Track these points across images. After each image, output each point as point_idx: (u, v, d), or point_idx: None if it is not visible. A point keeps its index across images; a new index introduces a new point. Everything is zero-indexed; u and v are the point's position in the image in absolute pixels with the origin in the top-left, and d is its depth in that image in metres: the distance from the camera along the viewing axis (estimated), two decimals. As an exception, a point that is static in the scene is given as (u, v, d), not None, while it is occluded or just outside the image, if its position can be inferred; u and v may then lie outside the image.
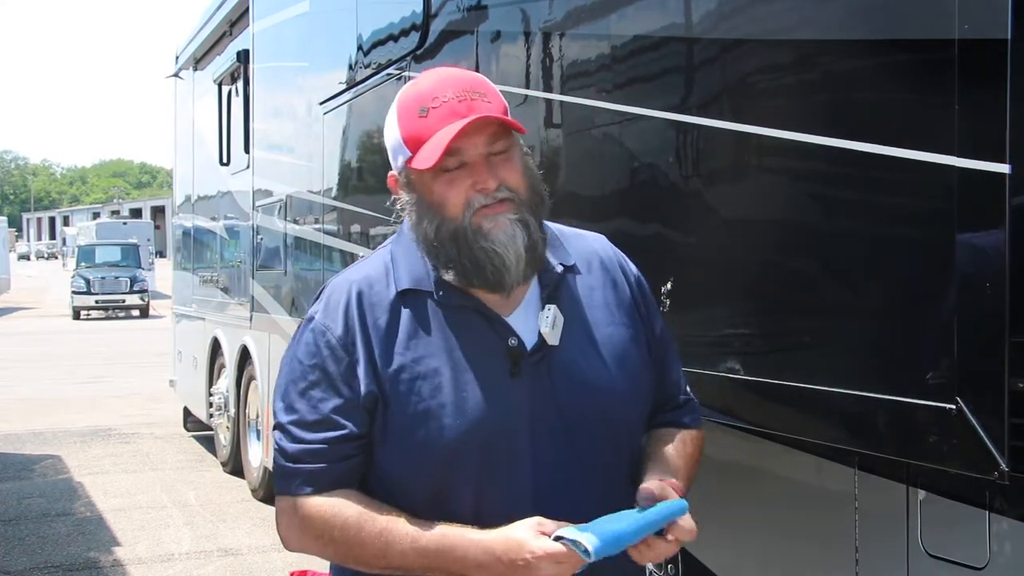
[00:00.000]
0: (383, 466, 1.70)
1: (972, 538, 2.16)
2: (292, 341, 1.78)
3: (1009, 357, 1.84)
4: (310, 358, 1.72)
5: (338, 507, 1.67)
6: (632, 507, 1.65)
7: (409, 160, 1.69)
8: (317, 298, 1.79)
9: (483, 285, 1.69)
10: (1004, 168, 1.83)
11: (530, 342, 1.71)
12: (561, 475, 1.68)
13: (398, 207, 1.77)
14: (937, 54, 1.97)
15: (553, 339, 1.71)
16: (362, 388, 1.67)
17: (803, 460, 2.63)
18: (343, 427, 1.68)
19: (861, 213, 2.22)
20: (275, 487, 1.76)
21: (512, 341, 1.70)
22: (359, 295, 1.72)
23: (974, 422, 1.90)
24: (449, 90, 1.69)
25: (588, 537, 1.53)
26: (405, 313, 1.71)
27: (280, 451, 1.73)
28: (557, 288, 1.76)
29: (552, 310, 1.72)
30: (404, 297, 1.72)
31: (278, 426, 1.74)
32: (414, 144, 1.68)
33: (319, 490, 1.69)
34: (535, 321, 1.72)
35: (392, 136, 1.74)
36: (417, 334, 1.69)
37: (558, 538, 1.55)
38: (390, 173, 1.78)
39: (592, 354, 1.75)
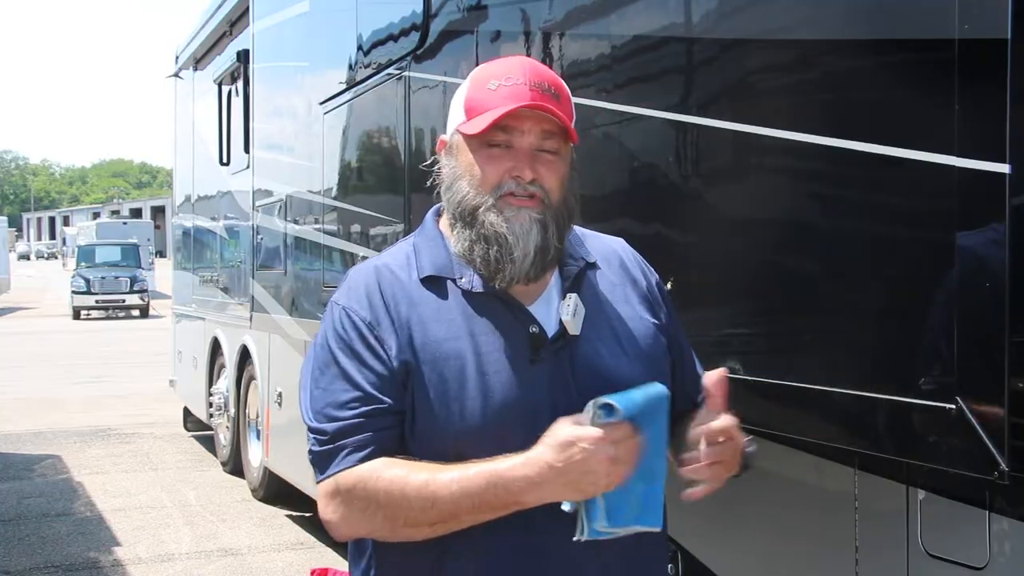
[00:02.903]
0: (406, 446, 1.69)
1: (972, 538, 2.16)
2: (321, 325, 1.78)
3: (1009, 357, 1.84)
4: (338, 341, 1.71)
5: (378, 470, 1.64)
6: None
7: (463, 124, 1.73)
8: (341, 284, 1.81)
9: (483, 265, 1.70)
10: (1004, 168, 1.83)
11: (551, 331, 1.72)
12: None
13: (435, 171, 1.80)
14: (937, 54, 1.97)
15: (574, 328, 1.72)
16: (394, 361, 1.67)
17: (803, 460, 2.63)
18: (379, 400, 1.67)
19: (861, 213, 2.22)
20: (315, 478, 1.73)
21: (533, 328, 1.71)
22: (379, 279, 1.74)
23: (974, 422, 1.89)
24: (525, 75, 1.71)
25: (615, 400, 1.51)
26: (427, 298, 1.72)
27: (317, 435, 1.70)
28: (578, 281, 1.78)
29: (573, 299, 1.73)
30: (426, 283, 1.74)
31: (313, 410, 1.72)
32: (471, 111, 1.72)
33: (358, 461, 1.66)
34: (556, 311, 1.73)
35: (456, 102, 1.77)
36: (438, 318, 1.70)
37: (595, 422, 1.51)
38: (440, 137, 1.80)
39: (613, 347, 1.76)
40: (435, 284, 1.74)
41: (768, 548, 2.82)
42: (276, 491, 7.19)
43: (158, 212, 62.45)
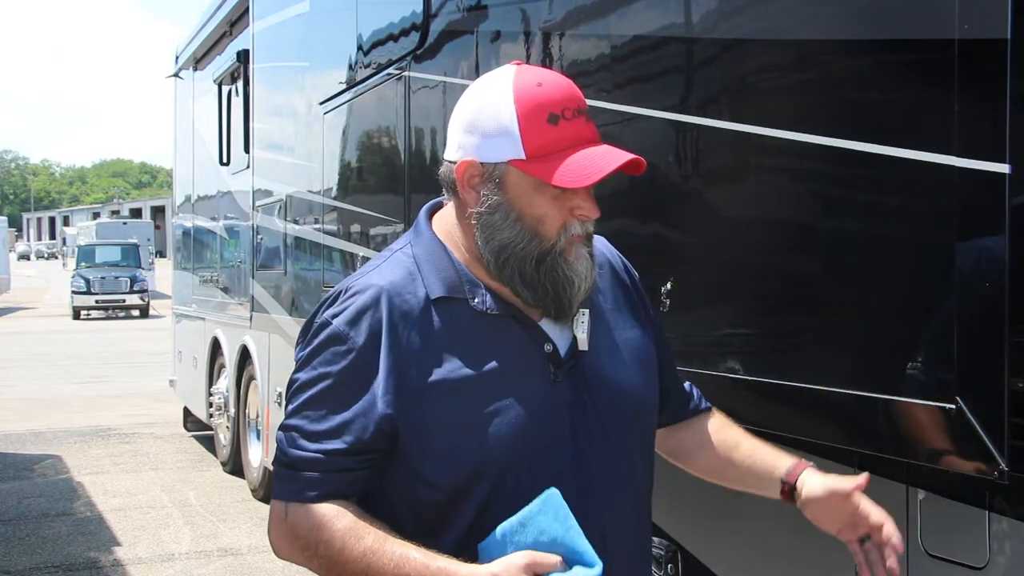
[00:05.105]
0: (430, 479, 1.61)
1: (972, 538, 2.15)
2: (307, 339, 1.67)
3: (1009, 357, 1.84)
4: (325, 364, 1.62)
5: (326, 519, 1.59)
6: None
7: (522, 162, 1.59)
8: (334, 300, 1.67)
9: (554, 309, 1.64)
10: (1004, 168, 1.83)
11: (563, 348, 1.68)
12: (600, 478, 1.66)
13: (472, 197, 1.65)
14: (937, 54, 1.97)
15: (585, 344, 1.69)
16: (379, 406, 1.58)
17: (803, 460, 2.62)
18: (346, 441, 1.59)
19: (861, 213, 2.22)
20: (272, 489, 1.71)
21: (547, 347, 1.66)
22: (389, 304, 1.62)
23: (974, 422, 1.89)
24: (573, 104, 1.62)
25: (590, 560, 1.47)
26: (439, 322, 1.63)
27: (280, 453, 1.66)
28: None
29: (585, 315, 1.69)
30: (437, 305, 1.64)
31: (283, 427, 1.67)
32: (536, 148, 1.58)
33: (311, 500, 1.61)
34: (560, 327, 1.69)
35: (497, 122, 1.60)
36: (453, 343, 1.62)
37: None
38: (465, 158, 1.64)
39: (618, 358, 1.73)
40: (446, 304, 1.64)
41: (768, 548, 2.81)
42: (276, 491, 7.19)
43: (158, 212, 62.47)
